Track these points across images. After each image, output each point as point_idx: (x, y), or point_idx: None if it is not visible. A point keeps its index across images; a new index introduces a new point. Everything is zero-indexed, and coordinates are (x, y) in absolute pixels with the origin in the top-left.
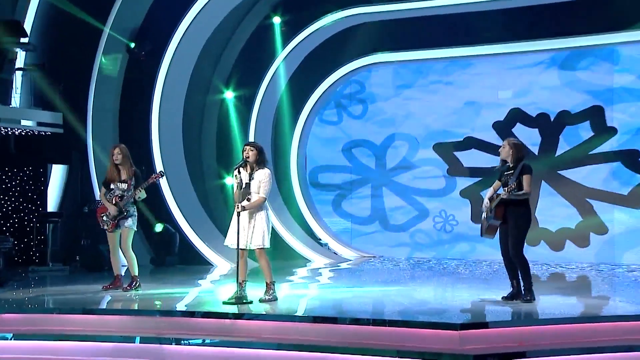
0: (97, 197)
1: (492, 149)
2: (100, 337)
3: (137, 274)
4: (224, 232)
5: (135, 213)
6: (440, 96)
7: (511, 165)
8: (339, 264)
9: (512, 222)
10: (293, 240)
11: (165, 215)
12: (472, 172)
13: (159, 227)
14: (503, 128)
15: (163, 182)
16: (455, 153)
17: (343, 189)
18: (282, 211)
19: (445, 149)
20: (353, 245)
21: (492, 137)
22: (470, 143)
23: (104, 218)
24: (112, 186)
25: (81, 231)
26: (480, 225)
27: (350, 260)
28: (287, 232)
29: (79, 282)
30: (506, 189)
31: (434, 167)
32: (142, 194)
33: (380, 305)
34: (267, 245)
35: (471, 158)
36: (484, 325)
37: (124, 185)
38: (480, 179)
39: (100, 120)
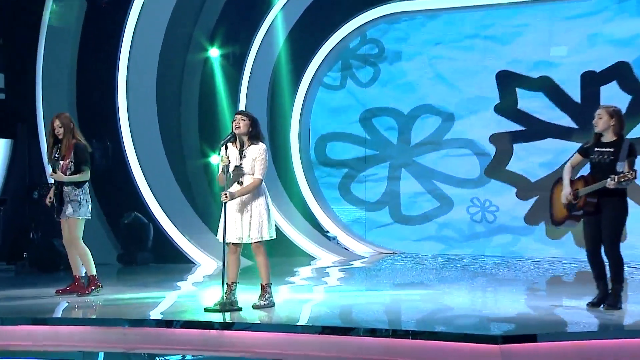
0: (50, 179)
1: (539, 123)
2: (54, 353)
3: (95, 273)
4: (209, 222)
5: (82, 198)
6: (477, 54)
7: (608, 141)
8: (350, 262)
9: (608, 212)
10: (294, 233)
11: (135, 202)
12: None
13: (128, 217)
14: (554, 93)
15: (133, 161)
16: (500, 128)
17: (355, 169)
18: (280, 198)
19: (486, 122)
20: (368, 239)
21: (542, 106)
22: (519, 115)
23: (51, 204)
24: (51, 164)
25: (30, 221)
26: (551, 211)
27: (365, 258)
28: (287, 223)
29: (28, 285)
30: (617, 177)
31: (468, 144)
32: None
33: (401, 313)
34: (269, 236)
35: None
36: (532, 338)
37: (64, 162)
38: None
39: (53, 83)
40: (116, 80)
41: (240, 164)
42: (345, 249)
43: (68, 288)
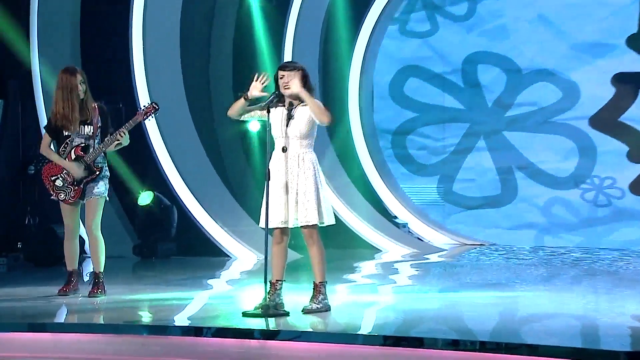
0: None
1: None
2: None
3: (102, 270)
4: (247, 204)
5: (108, 172)
6: None
7: None
8: (425, 256)
9: None
10: (354, 219)
11: (155, 180)
12: None
13: (145, 198)
14: None
15: (152, 128)
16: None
17: (431, 137)
18: (336, 174)
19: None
20: (447, 226)
21: None
22: None
23: (59, 183)
24: (66, 133)
25: (25, 204)
26: None
27: (444, 251)
28: (345, 206)
29: (22, 283)
30: None
31: (578, 106)
32: (125, 140)
33: (491, 320)
34: (324, 221)
35: None
36: None
37: (89, 129)
38: None
39: (51, 32)
40: (130, 27)
41: (286, 131)
42: (418, 239)
43: (70, 286)
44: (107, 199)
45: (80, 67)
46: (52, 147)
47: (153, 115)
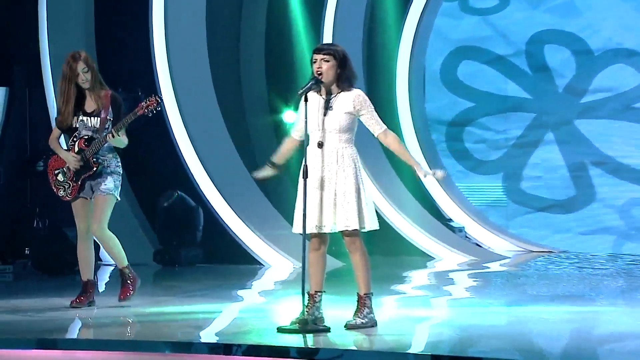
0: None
1: None
2: None
3: (127, 263)
4: (282, 206)
5: (120, 169)
6: None
7: None
8: (484, 265)
9: None
10: (403, 223)
11: (178, 177)
12: None
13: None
14: None
15: (174, 118)
16: None
17: (491, 129)
18: (382, 171)
19: None
20: (511, 231)
21: None
22: None
23: (60, 177)
24: (74, 124)
25: (33, 205)
26: None
27: (506, 259)
28: (393, 207)
29: (30, 293)
30: None
31: None
32: (119, 139)
33: (561, 339)
34: (368, 226)
35: None
36: None
37: (96, 120)
38: None
39: (62, 12)
40: (150, 6)
41: (323, 121)
42: (477, 245)
43: (82, 298)
44: (119, 198)
45: (95, 51)
46: (61, 140)
47: (154, 109)
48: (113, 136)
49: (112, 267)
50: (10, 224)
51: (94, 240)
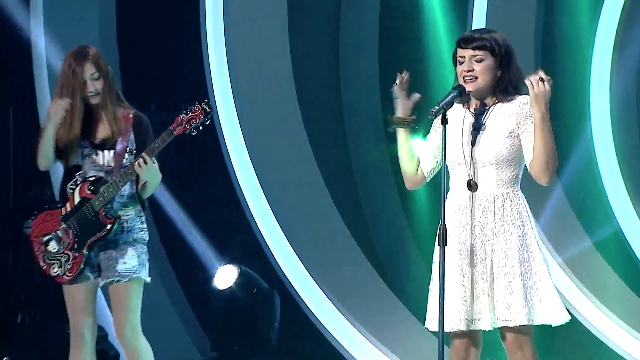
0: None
1: None
2: None
3: None
4: (404, 289)
5: (146, 233)
6: None
7: None
8: None
9: None
10: (599, 316)
11: (242, 243)
12: None
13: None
14: None
15: (236, 147)
16: None
17: None
18: (566, 231)
19: None
20: None
21: None
22: None
23: (53, 246)
24: (76, 160)
25: (18, 289)
26: None
27: None
28: (580, 289)
29: None
30: None
31: None
32: (151, 168)
33: None
34: (549, 319)
35: None
36: None
37: (109, 155)
38: None
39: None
40: None
41: (471, 149)
42: None
43: None
44: (148, 279)
45: (117, 53)
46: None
47: (201, 124)
48: (140, 165)
49: None
50: None
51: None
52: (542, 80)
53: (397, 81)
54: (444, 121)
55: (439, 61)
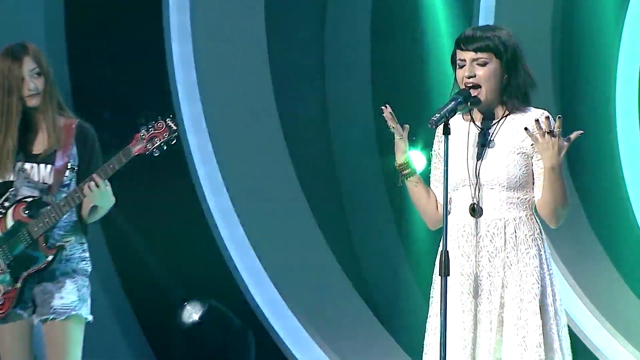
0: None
1: None
2: None
3: None
4: (398, 327)
5: (88, 263)
6: None
7: None
8: None
9: None
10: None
11: (211, 275)
12: None
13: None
14: None
15: (207, 169)
16: None
17: None
18: (588, 259)
19: None
20: None
21: None
22: None
23: None
24: (9, 175)
25: None
26: None
27: None
28: (604, 327)
29: None
30: None
31: None
32: (103, 192)
33: None
34: None
35: None
36: None
37: (46, 171)
38: None
39: None
40: None
41: (479, 167)
42: None
43: None
44: (89, 318)
45: (65, 52)
46: None
47: (165, 143)
48: (91, 189)
49: None
50: None
51: None
52: (550, 132)
53: (392, 125)
54: (446, 131)
55: (441, 62)
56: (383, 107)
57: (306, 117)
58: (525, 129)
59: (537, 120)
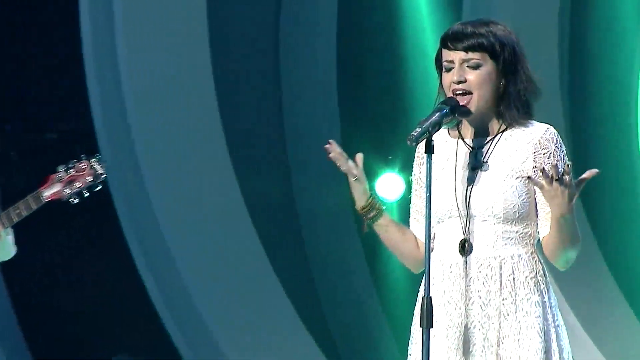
0: None
1: None
2: None
3: None
4: None
5: None
6: None
7: None
8: None
9: None
10: None
11: (137, 325)
12: None
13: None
14: None
15: (132, 202)
16: None
17: None
18: (600, 304)
19: None
20: None
21: None
22: None
23: None
24: None
25: None
26: None
27: None
28: None
29: None
30: None
31: None
32: (1, 247)
33: None
34: None
35: None
36: None
37: None
38: None
39: None
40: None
41: (469, 189)
42: None
43: None
44: None
45: None
46: None
47: (87, 188)
48: None
49: None
50: None
51: None
52: (558, 179)
53: (341, 166)
54: (429, 150)
55: (423, 64)
56: (327, 145)
57: (258, 133)
58: (529, 177)
59: (543, 170)
